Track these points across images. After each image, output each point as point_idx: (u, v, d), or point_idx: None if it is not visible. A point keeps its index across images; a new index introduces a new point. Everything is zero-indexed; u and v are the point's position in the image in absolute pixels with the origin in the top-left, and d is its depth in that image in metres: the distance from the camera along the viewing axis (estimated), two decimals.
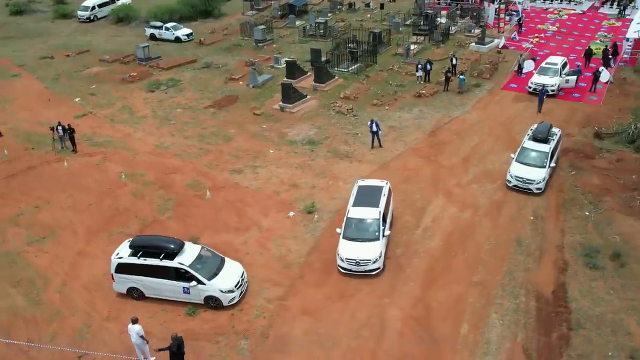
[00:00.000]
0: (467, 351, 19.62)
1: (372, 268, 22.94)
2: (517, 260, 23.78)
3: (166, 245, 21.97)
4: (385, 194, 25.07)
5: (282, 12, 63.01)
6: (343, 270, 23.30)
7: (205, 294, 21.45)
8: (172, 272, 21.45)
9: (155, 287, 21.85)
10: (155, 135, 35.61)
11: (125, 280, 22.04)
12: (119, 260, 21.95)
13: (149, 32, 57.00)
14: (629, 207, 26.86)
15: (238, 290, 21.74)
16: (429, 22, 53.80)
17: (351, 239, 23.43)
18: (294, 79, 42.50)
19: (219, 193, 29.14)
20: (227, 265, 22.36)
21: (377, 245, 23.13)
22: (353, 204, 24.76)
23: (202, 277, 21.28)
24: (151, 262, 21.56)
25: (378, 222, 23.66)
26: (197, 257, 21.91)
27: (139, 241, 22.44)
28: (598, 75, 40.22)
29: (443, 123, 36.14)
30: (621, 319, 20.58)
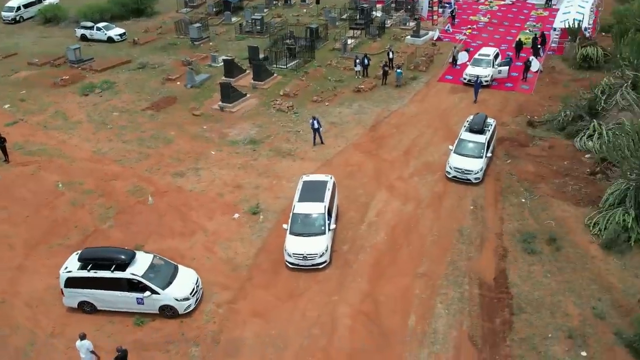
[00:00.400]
0: (416, 342, 20.11)
1: (319, 262, 23.42)
2: (460, 249, 24.49)
3: (117, 256, 21.47)
4: (329, 189, 25.50)
5: (217, 8, 62.21)
6: (291, 265, 23.63)
7: (160, 304, 21.08)
8: (124, 284, 20.97)
9: (108, 299, 21.30)
10: (92, 141, 34.62)
11: (75, 294, 21.41)
12: (68, 275, 21.31)
13: (80, 32, 55.16)
14: (562, 192, 28.03)
15: (193, 297, 21.45)
16: (364, 16, 54.39)
17: (298, 234, 23.83)
18: (232, 78, 42.17)
19: (162, 198, 28.67)
20: (180, 273, 22.06)
21: (324, 239, 23.61)
22: (298, 199, 25.17)
23: (155, 287, 20.90)
24: (102, 275, 21.02)
25: (323, 217, 24.13)
26: (149, 266, 21.49)
27: (88, 253, 21.82)
28: (529, 65, 41.69)
29: (383, 117, 36.68)
30: (559, 301, 21.53)
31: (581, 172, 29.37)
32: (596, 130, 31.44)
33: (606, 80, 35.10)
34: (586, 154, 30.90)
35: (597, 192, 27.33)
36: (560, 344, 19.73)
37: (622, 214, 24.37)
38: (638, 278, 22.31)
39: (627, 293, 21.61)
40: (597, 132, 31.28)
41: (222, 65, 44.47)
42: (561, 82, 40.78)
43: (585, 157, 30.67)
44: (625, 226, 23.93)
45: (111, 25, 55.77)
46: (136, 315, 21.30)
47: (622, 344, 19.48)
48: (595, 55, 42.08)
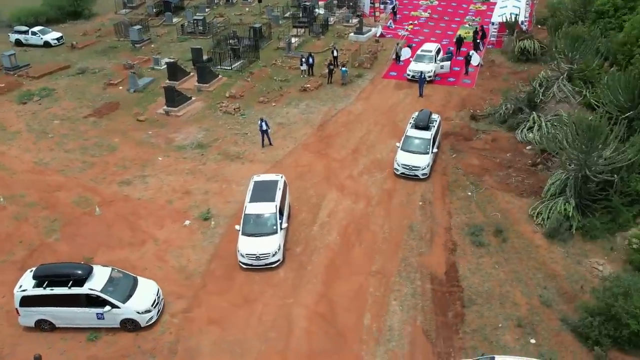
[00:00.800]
0: (372, 340, 20.43)
1: (272, 261, 23.68)
2: (411, 245, 24.96)
3: (73, 271, 20.90)
4: (280, 188, 25.73)
5: (157, 9, 61.08)
6: (244, 265, 23.77)
7: (121, 318, 20.68)
8: (83, 299, 20.48)
9: (67, 316, 20.77)
10: (33, 151, 33.52)
11: (32, 313, 20.78)
12: (23, 293, 20.64)
13: (14, 37, 53.06)
14: (505, 184, 28.89)
15: (155, 309, 21.16)
16: (307, 14, 54.41)
17: (250, 235, 24.01)
18: (176, 81, 41.57)
19: (109, 208, 28.07)
20: (140, 285, 21.68)
21: (276, 238, 23.87)
22: (250, 199, 25.37)
23: (115, 301, 20.51)
24: (59, 292, 20.46)
25: (275, 216, 24.40)
26: (108, 280, 21.02)
27: (42, 270, 21.10)
28: (469, 59, 42.69)
29: (330, 116, 36.90)
30: (507, 291, 22.25)
31: (523, 164, 30.31)
32: (536, 122, 32.49)
33: (543, 73, 36.37)
34: (527, 145, 31.90)
35: (539, 182, 28.27)
36: (511, 333, 20.42)
37: (563, 203, 25.31)
38: (580, 265, 23.27)
39: (570, 280, 22.51)
40: (537, 124, 32.33)
41: (165, 68, 43.81)
42: (501, 76, 41.91)
43: (527, 148, 31.67)
44: (567, 215, 24.86)
45: (47, 29, 54.03)
46: (90, 331, 20.86)
47: (568, 329, 20.30)
48: (532, 48, 43.42)
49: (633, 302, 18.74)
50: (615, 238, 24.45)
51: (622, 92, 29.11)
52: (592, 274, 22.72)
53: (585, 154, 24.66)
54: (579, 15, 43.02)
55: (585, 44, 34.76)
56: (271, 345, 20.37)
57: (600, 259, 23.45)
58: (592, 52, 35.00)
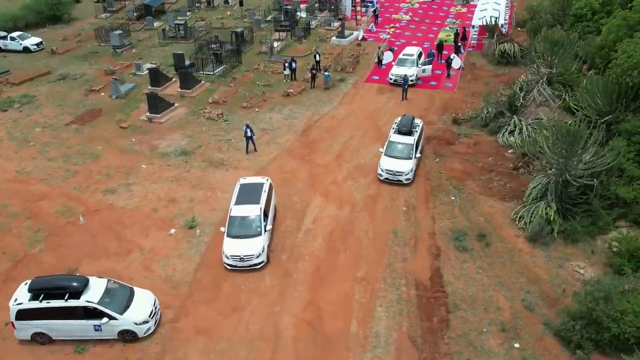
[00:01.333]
0: (359, 347, 20.62)
1: (256, 262, 24.11)
2: (395, 251, 25.20)
3: (69, 284, 20.77)
4: (265, 190, 26.20)
5: (137, 13, 60.82)
6: (229, 267, 24.22)
7: (119, 329, 20.65)
8: (80, 312, 20.39)
9: (63, 329, 20.67)
10: (15, 160, 33.24)
11: (28, 326, 20.65)
12: (19, 307, 20.49)
13: None
14: (488, 188, 29.26)
15: (152, 319, 21.19)
16: (289, 18, 54.50)
17: (235, 237, 24.46)
18: (158, 87, 41.47)
19: (94, 217, 27.95)
20: (137, 295, 21.67)
21: (260, 240, 24.30)
22: (235, 202, 25.79)
23: (113, 312, 20.47)
24: (56, 304, 20.32)
25: (259, 218, 24.79)
26: (104, 291, 20.95)
27: (38, 283, 20.95)
28: (450, 62, 43.11)
29: (313, 121, 37.04)
30: (491, 296, 22.58)
31: (505, 168, 30.72)
32: (517, 126, 32.95)
33: (523, 77, 36.87)
34: (509, 149, 32.33)
35: (521, 186, 28.67)
36: (495, 338, 20.73)
37: (544, 207, 25.71)
38: (562, 268, 23.67)
39: (553, 284, 22.89)
40: (518, 128, 32.78)
41: (147, 74, 43.67)
42: (482, 79, 42.39)
43: (508, 152, 32.10)
44: (548, 219, 25.25)
45: (26, 35, 53.53)
46: (76, 343, 20.80)
47: (551, 333, 20.66)
48: (512, 51, 44.01)
49: (614, 306, 19.17)
50: (596, 241, 24.92)
51: (601, 96, 29.63)
52: (574, 278, 23.12)
53: (565, 159, 25.08)
54: (558, 18, 43.55)
55: (564, 48, 35.28)
56: (258, 354, 20.45)
57: (581, 263, 23.88)
58: (571, 55, 35.52)
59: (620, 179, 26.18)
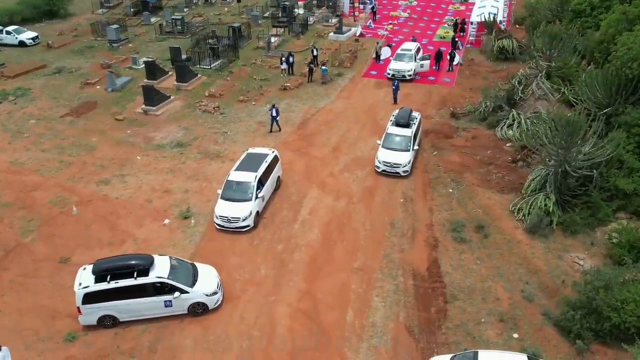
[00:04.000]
0: (355, 337, 20.27)
1: (241, 225, 25.39)
2: (392, 242, 24.88)
3: (137, 262, 20.68)
4: (267, 161, 27.53)
5: (135, 9, 60.50)
6: (218, 227, 25.65)
7: (189, 302, 20.82)
8: (150, 289, 20.35)
9: (133, 308, 20.57)
10: (8, 151, 32.86)
11: (95, 310, 20.41)
12: (86, 290, 20.19)
13: None
14: (486, 180, 28.99)
15: (220, 290, 21.55)
16: (287, 14, 54.28)
17: (227, 199, 25.91)
18: (155, 80, 41.16)
19: (87, 207, 27.58)
20: (200, 269, 21.93)
21: (249, 205, 25.57)
22: (235, 168, 27.28)
23: (183, 286, 20.58)
24: (125, 284, 20.19)
25: (253, 185, 26.07)
26: (170, 267, 21.01)
27: (102, 265, 20.66)
28: (453, 55, 42.99)
29: (311, 114, 36.77)
30: (489, 287, 22.26)
31: (503, 161, 30.45)
32: (515, 120, 32.69)
33: (522, 71, 36.64)
34: (507, 142, 32.06)
35: (519, 179, 28.41)
36: (493, 328, 20.41)
37: (543, 198, 25.43)
38: (561, 260, 23.38)
39: (552, 275, 22.59)
40: (517, 121, 32.52)
41: (143, 68, 43.38)
42: (480, 74, 42.16)
43: (507, 145, 31.83)
44: (547, 210, 24.98)
45: (22, 29, 53.22)
46: (66, 331, 20.43)
47: (550, 324, 20.34)
48: (511, 47, 43.83)
49: (614, 295, 18.89)
50: (595, 233, 24.64)
51: (600, 89, 29.36)
52: (573, 269, 22.83)
53: (564, 150, 24.83)
54: (556, 14, 43.42)
55: (563, 43, 35.09)
56: (253, 344, 20.10)
57: (580, 254, 23.59)
58: (570, 50, 35.33)
59: (619, 171, 25.89)
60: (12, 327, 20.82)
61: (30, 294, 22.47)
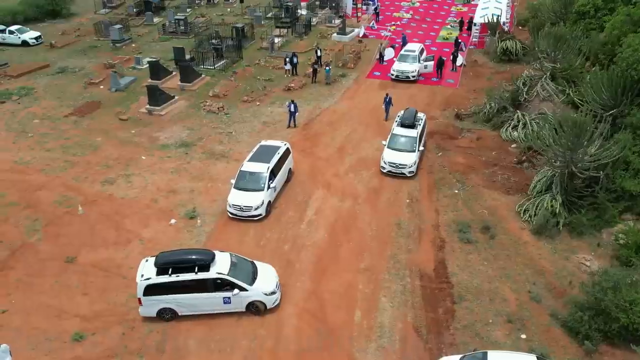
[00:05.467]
0: (363, 337, 20.24)
1: (253, 214, 26.15)
2: (399, 243, 24.87)
3: (199, 257, 20.81)
4: (279, 153, 28.28)
5: (137, 9, 60.48)
6: (230, 215, 26.36)
7: (248, 301, 20.81)
8: (210, 284, 20.43)
9: (192, 303, 20.68)
10: (12, 151, 32.82)
11: (156, 302, 20.58)
12: (148, 282, 20.34)
13: None
14: (492, 181, 28.98)
15: (279, 290, 21.44)
16: (290, 15, 54.27)
17: (240, 189, 26.63)
18: (158, 80, 41.10)
19: (92, 207, 27.55)
20: (260, 268, 21.86)
21: (261, 195, 26.33)
22: (249, 159, 27.98)
23: (243, 284, 20.58)
24: (186, 278, 20.30)
25: (265, 176, 26.78)
26: (231, 264, 21.03)
27: (165, 258, 20.83)
28: (456, 56, 43.00)
29: (315, 115, 36.78)
30: (496, 287, 22.25)
31: (508, 162, 30.46)
32: (520, 121, 32.68)
33: (527, 73, 36.65)
34: (512, 144, 32.07)
35: (525, 180, 28.42)
36: (501, 329, 20.39)
37: (549, 200, 25.42)
38: (568, 261, 23.36)
39: (559, 276, 22.58)
40: (522, 123, 32.51)
41: (147, 67, 43.38)
42: (484, 75, 42.16)
43: (512, 147, 31.84)
44: (554, 211, 24.97)
45: (25, 29, 53.19)
46: (74, 331, 20.39)
47: (558, 324, 20.33)
48: (514, 49, 43.84)
49: (622, 296, 18.86)
50: (602, 234, 24.64)
51: (605, 90, 29.36)
52: (580, 270, 22.82)
53: (571, 151, 24.81)
54: (560, 16, 43.35)
55: (567, 44, 35.10)
56: (260, 344, 20.08)
57: (587, 255, 23.58)
58: (575, 51, 35.34)
59: (626, 172, 25.91)
60: (19, 327, 20.78)
61: (37, 293, 22.43)
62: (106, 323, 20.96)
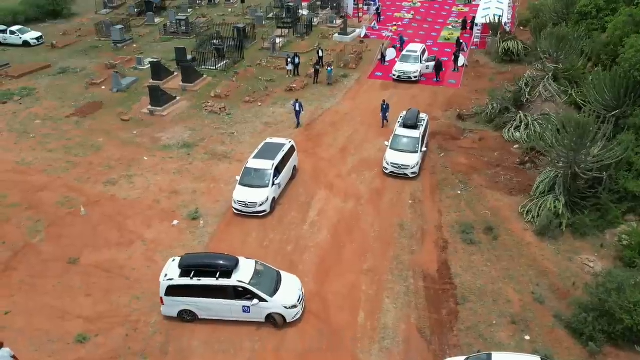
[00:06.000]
0: (366, 338, 20.21)
1: (258, 210, 26.46)
2: (402, 244, 24.83)
3: (221, 262, 20.52)
4: (284, 151, 28.56)
5: (138, 9, 60.51)
6: (236, 211, 26.64)
7: (267, 312, 20.29)
8: (230, 291, 20.10)
9: (212, 308, 20.44)
10: (14, 151, 32.80)
11: (177, 303, 20.52)
12: (170, 283, 20.33)
13: None
14: (495, 182, 28.94)
15: (300, 304, 20.76)
16: (291, 15, 54.26)
17: (245, 185, 26.99)
18: (160, 81, 41.09)
19: (95, 208, 27.52)
20: (285, 279, 21.27)
21: (265, 191, 26.63)
22: (254, 156, 28.32)
23: (263, 294, 20.10)
24: (207, 282, 20.09)
25: (270, 173, 27.16)
26: (254, 272, 20.63)
27: (189, 260, 20.74)
28: (458, 56, 42.98)
29: (317, 115, 36.76)
30: (500, 288, 22.21)
31: (511, 163, 30.42)
32: (523, 122, 32.66)
33: (529, 73, 36.61)
34: (514, 144, 32.05)
35: (528, 180, 28.39)
36: (505, 330, 20.36)
37: (553, 200, 25.39)
38: (571, 262, 23.33)
39: (562, 277, 22.54)
40: (524, 123, 32.49)
41: (148, 68, 43.35)
42: (486, 76, 42.12)
43: (514, 147, 31.81)
44: (557, 212, 24.93)
45: (26, 29, 53.20)
46: (77, 332, 20.35)
47: (562, 326, 20.28)
48: (516, 49, 43.84)
49: (626, 297, 18.80)
50: (605, 235, 24.59)
51: (608, 91, 29.36)
52: (584, 271, 22.78)
53: (574, 152, 24.78)
54: (562, 16, 43.38)
55: (569, 45, 35.09)
56: (264, 345, 20.03)
57: (590, 256, 23.55)
58: (577, 52, 35.34)
59: (629, 173, 25.88)
60: (22, 328, 20.72)
61: (39, 294, 22.38)
62: (109, 324, 20.90)
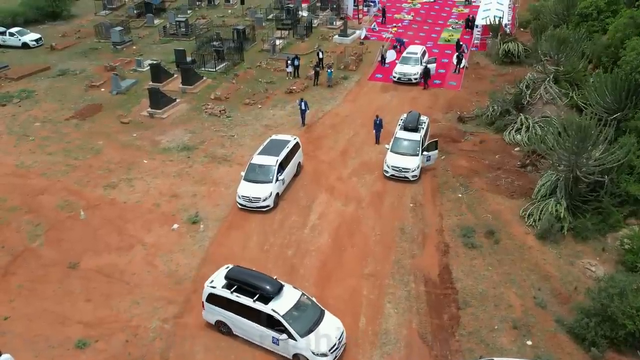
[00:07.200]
0: (368, 344, 20.13)
1: (262, 205, 26.99)
2: (403, 248, 24.75)
3: (263, 285, 19.61)
4: (289, 147, 29.06)
5: (138, 10, 60.37)
6: (240, 206, 27.19)
7: (294, 351, 18.97)
8: (263, 317, 19.21)
9: (245, 328, 19.79)
10: (14, 155, 32.69)
11: (214, 312, 20.27)
12: (211, 290, 20.19)
13: None
14: (495, 185, 28.84)
15: (332, 354, 18.84)
16: (291, 16, 54.18)
17: (249, 181, 27.48)
18: (160, 83, 41.00)
19: (95, 211, 27.43)
20: (325, 320, 19.62)
21: (269, 186, 27.13)
22: (259, 152, 28.83)
23: (294, 332, 18.75)
24: (243, 301, 19.50)
25: (274, 169, 27.61)
26: (294, 305, 19.44)
27: (235, 273, 20.35)
28: (461, 57, 42.90)
29: (317, 118, 36.68)
30: (501, 293, 22.12)
31: (512, 165, 30.31)
32: (523, 124, 32.57)
33: (529, 75, 36.53)
34: (515, 147, 31.95)
35: (529, 183, 28.28)
36: (507, 335, 20.27)
37: (554, 204, 25.30)
38: (573, 266, 23.24)
39: (564, 281, 22.46)
40: (525, 126, 32.41)
41: (148, 70, 43.22)
42: (487, 78, 42.04)
43: (515, 150, 31.72)
44: (558, 216, 24.84)
45: (25, 30, 53.06)
46: (77, 338, 20.26)
47: (564, 331, 20.18)
48: (516, 51, 43.72)
49: (629, 302, 18.73)
50: (607, 239, 24.49)
51: (609, 94, 29.26)
52: (585, 275, 22.69)
53: (575, 155, 24.68)
54: (562, 18, 43.28)
55: (570, 46, 35.02)
56: (266, 350, 19.89)
57: (592, 260, 23.46)
58: (578, 54, 35.24)
59: (630, 177, 25.80)
60: (21, 333, 20.64)
61: (39, 299, 22.31)
62: (109, 330, 20.82)
